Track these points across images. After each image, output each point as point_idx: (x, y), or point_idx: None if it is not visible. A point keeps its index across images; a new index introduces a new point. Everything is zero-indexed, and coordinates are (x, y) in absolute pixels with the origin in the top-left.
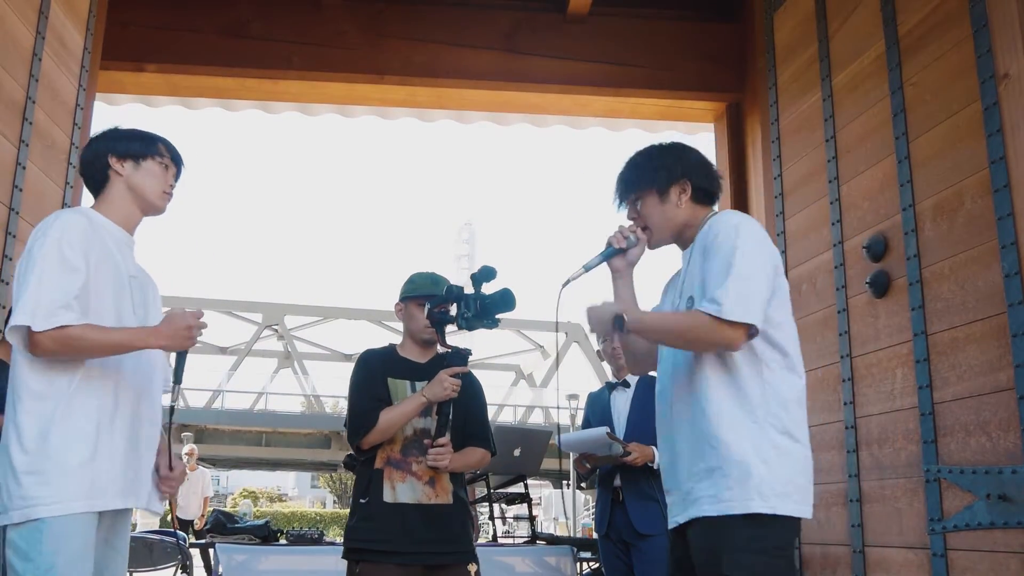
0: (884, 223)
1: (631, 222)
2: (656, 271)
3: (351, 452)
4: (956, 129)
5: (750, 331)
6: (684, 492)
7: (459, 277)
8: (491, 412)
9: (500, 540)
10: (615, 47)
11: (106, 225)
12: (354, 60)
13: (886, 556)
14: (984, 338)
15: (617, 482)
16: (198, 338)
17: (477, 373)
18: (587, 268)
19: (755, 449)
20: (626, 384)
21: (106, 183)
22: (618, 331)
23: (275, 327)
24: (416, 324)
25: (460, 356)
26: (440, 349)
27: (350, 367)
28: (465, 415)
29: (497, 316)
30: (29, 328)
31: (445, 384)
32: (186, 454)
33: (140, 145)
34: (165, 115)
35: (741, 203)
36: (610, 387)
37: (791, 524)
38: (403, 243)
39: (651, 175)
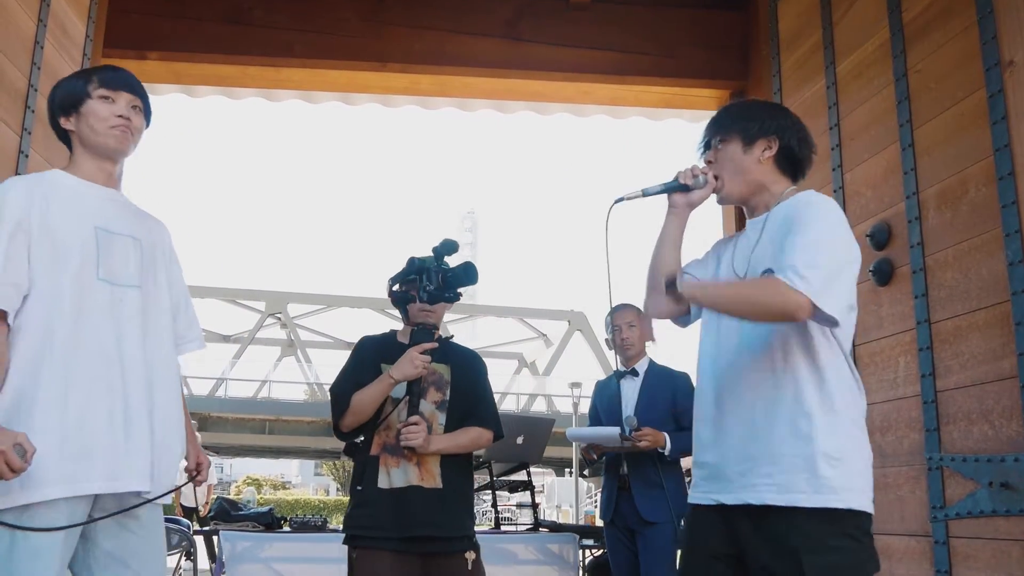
0: (888, 211)
1: (706, 164)
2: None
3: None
4: (961, 117)
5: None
6: (740, 472)
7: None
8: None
9: (503, 528)
10: (618, 34)
11: (66, 181)
12: (356, 48)
13: (888, 544)
14: (987, 326)
15: (624, 470)
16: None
17: None
18: (645, 193)
19: (837, 441)
20: (635, 373)
21: (70, 144)
22: (671, 291)
23: (278, 315)
24: (411, 308)
25: (427, 332)
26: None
27: None
28: (462, 392)
29: (459, 289)
30: None
31: (415, 362)
32: None
33: (75, 91)
34: (167, 103)
35: None
36: (619, 375)
37: (868, 518)
38: (406, 231)
39: (742, 122)
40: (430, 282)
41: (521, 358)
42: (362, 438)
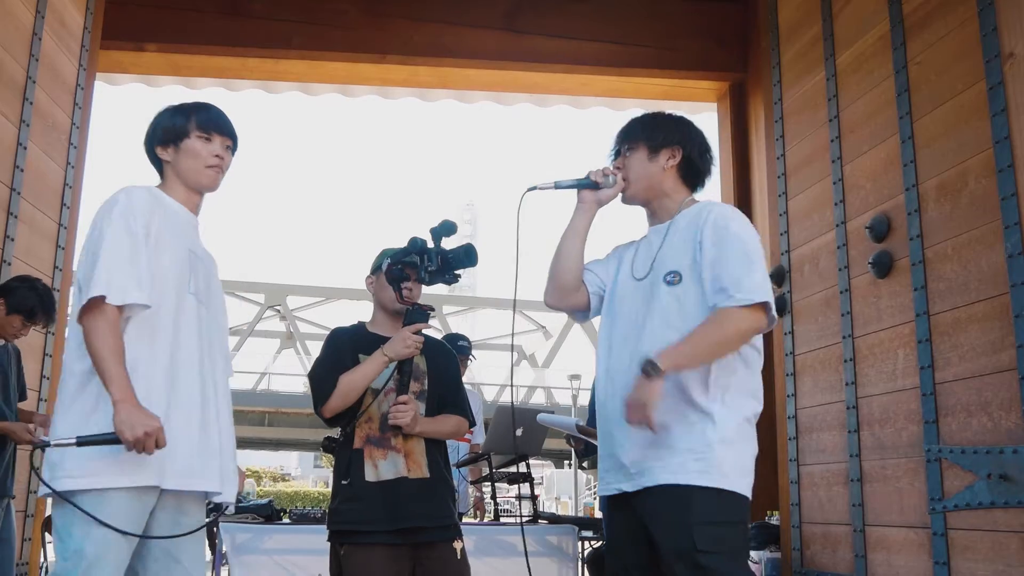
0: (887, 203)
1: (615, 168)
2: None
3: (329, 435)
4: (960, 109)
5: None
6: (635, 461)
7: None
8: (492, 392)
9: (502, 520)
10: (618, 26)
11: (171, 204)
12: (355, 40)
13: (887, 535)
14: (986, 318)
15: None
16: (145, 448)
17: (479, 353)
18: (557, 186)
19: (724, 431)
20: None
21: (162, 169)
22: (646, 376)
23: (277, 308)
24: (388, 294)
25: (421, 313)
26: (399, 307)
27: None
28: (439, 382)
29: (457, 272)
30: (102, 298)
31: (408, 341)
32: None
33: (175, 127)
34: (166, 95)
35: (744, 183)
36: None
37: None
38: (405, 223)
39: (648, 131)
40: (430, 262)
41: (521, 350)
42: (339, 430)
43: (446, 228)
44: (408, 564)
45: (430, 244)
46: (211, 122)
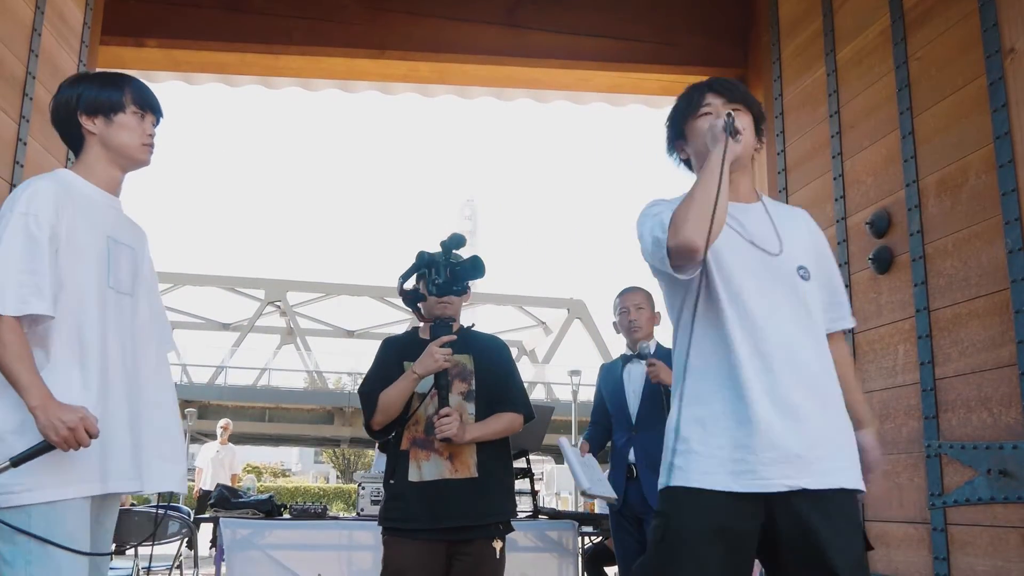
0: (887, 199)
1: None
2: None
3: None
4: (961, 104)
5: None
6: (800, 453)
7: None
8: None
9: None
10: (618, 22)
11: (84, 188)
12: (355, 35)
13: (886, 531)
14: (987, 314)
15: (631, 457)
16: (70, 447)
17: None
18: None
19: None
20: (641, 356)
21: (82, 142)
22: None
23: (278, 303)
24: (426, 305)
25: (444, 326)
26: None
27: (352, 343)
28: (488, 379)
29: (467, 283)
30: None
31: (436, 356)
32: (221, 428)
33: (108, 99)
34: (166, 91)
35: None
36: (625, 359)
37: None
38: (405, 219)
39: (756, 105)
40: (438, 275)
41: (521, 346)
42: (393, 435)
43: (455, 241)
44: (443, 558)
45: (436, 254)
46: (146, 99)
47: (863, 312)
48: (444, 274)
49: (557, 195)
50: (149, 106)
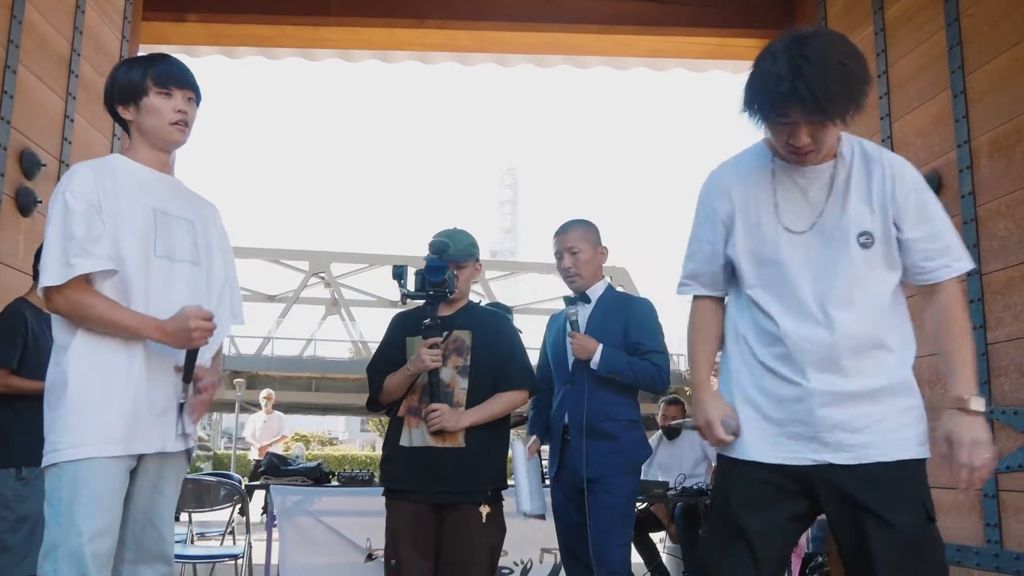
0: (938, 160)
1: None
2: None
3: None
4: (1015, 62)
5: None
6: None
7: (502, 223)
8: (536, 358)
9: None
10: None
11: (130, 168)
12: (393, 4)
13: (938, 497)
14: None
15: (565, 419)
16: (207, 336)
17: (522, 319)
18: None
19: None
20: (587, 299)
21: (128, 128)
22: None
23: (322, 275)
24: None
25: (433, 329)
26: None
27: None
28: (487, 355)
29: (432, 291)
30: (55, 285)
31: (424, 358)
32: (264, 398)
33: (132, 84)
34: (208, 65)
35: None
36: (569, 301)
37: None
38: (447, 189)
39: (860, 94)
40: (403, 286)
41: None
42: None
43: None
44: (433, 522)
45: (413, 267)
46: (168, 76)
47: None
48: (418, 281)
49: (599, 163)
50: (173, 82)
